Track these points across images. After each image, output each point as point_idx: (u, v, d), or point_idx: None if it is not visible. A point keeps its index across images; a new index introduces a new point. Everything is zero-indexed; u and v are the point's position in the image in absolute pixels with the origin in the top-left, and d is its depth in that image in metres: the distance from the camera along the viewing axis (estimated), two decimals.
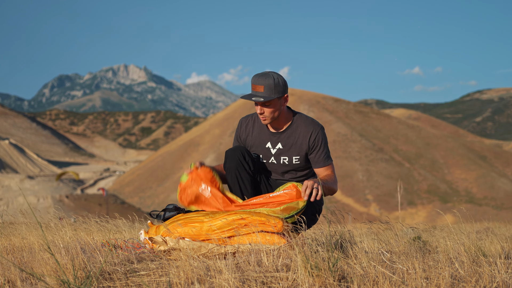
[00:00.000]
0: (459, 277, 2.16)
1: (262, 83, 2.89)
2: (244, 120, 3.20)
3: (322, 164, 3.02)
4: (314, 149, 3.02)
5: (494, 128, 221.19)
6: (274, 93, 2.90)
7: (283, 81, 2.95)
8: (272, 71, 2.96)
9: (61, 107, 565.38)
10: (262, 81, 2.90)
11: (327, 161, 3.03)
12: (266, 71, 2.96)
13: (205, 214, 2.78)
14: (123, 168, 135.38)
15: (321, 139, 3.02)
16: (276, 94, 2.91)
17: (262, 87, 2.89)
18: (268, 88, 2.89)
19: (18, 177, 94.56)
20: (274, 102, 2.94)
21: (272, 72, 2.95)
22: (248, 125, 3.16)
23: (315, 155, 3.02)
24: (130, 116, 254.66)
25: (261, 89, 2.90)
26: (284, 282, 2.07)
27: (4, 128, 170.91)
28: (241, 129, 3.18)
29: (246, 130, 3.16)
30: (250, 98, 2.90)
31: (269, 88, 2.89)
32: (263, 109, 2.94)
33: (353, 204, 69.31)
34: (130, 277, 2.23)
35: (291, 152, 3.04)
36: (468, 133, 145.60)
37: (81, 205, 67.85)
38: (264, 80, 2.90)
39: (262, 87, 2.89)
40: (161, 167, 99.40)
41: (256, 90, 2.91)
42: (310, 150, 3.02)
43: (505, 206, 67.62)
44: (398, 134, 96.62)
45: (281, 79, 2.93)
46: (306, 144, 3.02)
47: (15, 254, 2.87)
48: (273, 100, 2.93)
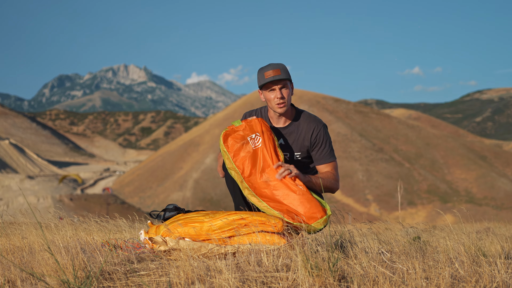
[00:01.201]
0: (459, 277, 2.15)
1: (277, 67, 2.97)
2: (248, 113, 3.20)
3: (323, 162, 3.02)
4: (315, 146, 3.02)
5: (494, 128, 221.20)
6: (288, 75, 2.99)
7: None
8: None
9: (61, 107, 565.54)
10: (276, 66, 2.97)
11: (328, 159, 3.02)
12: (268, 63, 3.01)
13: (205, 214, 2.78)
14: (123, 168, 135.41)
15: (323, 136, 3.02)
16: (290, 77, 3.01)
17: (278, 70, 2.96)
18: (284, 70, 2.97)
19: (18, 177, 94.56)
20: (289, 84, 3.01)
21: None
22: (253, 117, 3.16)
23: (317, 152, 3.02)
24: (130, 116, 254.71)
25: (278, 72, 2.95)
26: (284, 282, 2.07)
27: (4, 128, 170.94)
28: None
29: None
30: (274, 78, 2.93)
31: (284, 70, 2.97)
32: (282, 92, 2.98)
33: (353, 204, 69.32)
34: (130, 277, 2.23)
35: (293, 148, 3.04)
36: (468, 133, 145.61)
37: (81, 205, 67.86)
38: (277, 65, 2.97)
39: (279, 70, 2.96)
40: (161, 167, 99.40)
41: (273, 75, 2.95)
42: (312, 146, 3.02)
43: (505, 206, 67.63)
44: (398, 134, 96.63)
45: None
46: (308, 141, 3.01)
47: (15, 254, 2.87)
48: (289, 83, 3.01)
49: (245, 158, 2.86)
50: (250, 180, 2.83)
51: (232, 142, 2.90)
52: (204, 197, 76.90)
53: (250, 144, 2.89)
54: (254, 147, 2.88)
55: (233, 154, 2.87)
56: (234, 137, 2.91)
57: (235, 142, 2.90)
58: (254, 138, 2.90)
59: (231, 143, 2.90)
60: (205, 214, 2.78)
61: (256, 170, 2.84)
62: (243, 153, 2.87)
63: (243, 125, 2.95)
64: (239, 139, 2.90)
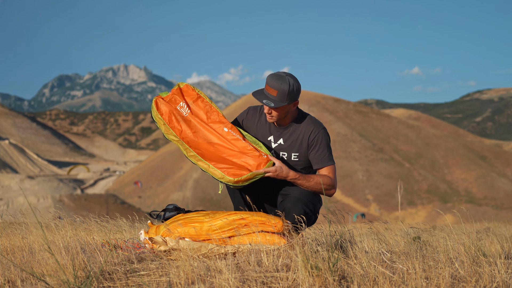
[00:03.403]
0: (459, 277, 2.15)
1: (277, 88, 2.86)
2: (252, 108, 3.19)
3: (320, 165, 2.99)
4: (313, 148, 3.00)
5: (494, 128, 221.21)
6: (286, 99, 2.88)
7: (297, 88, 2.91)
8: (289, 75, 2.91)
9: (61, 107, 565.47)
10: (278, 85, 2.86)
11: (325, 162, 2.99)
12: (283, 73, 2.91)
13: (205, 214, 2.78)
14: (123, 168, 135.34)
15: (321, 139, 3.00)
16: (288, 101, 2.88)
17: (275, 92, 2.87)
18: (282, 94, 2.86)
19: (18, 177, 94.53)
20: (284, 107, 2.93)
21: (289, 76, 2.90)
22: (256, 114, 3.15)
23: (314, 154, 3.00)
24: (130, 116, 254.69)
25: (274, 93, 2.87)
26: (284, 282, 2.07)
27: (4, 128, 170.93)
28: (247, 115, 3.18)
29: (252, 118, 3.15)
30: (261, 101, 2.89)
31: (282, 94, 2.86)
32: (271, 110, 2.95)
33: (353, 204, 69.31)
34: (130, 277, 2.23)
35: (291, 149, 3.03)
36: (468, 133, 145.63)
37: (81, 205, 67.85)
38: (280, 84, 2.86)
39: (276, 91, 2.87)
40: (161, 167, 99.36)
41: (270, 92, 2.89)
42: (310, 148, 3.01)
43: (505, 206, 67.61)
44: (398, 134, 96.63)
45: (296, 85, 2.89)
46: (306, 142, 3.01)
47: (15, 254, 2.87)
48: (283, 106, 2.92)
49: (178, 121, 2.98)
50: (193, 144, 2.95)
51: (165, 108, 2.98)
52: (204, 197, 76.90)
53: (180, 111, 3.01)
54: (185, 113, 3.00)
55: (168, 120, 2.97)
56: (164, 103, 3.00)
57: (167, 108, 2.99)
58: (183, 106, 3.02)
59: (164, 109, 2.98)
60: (205, 214, 2.78)
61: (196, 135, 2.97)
62: (176, 117, 2.98)
63: (169, 94, 3.05)
64: (169, 107, 2.99)
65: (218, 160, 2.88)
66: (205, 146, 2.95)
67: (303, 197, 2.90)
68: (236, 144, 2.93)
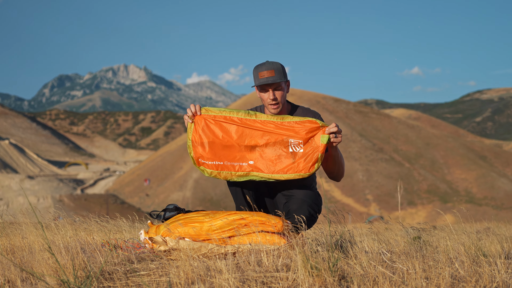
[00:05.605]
0: (459, 277, 2.15)
1: (272, 68, 2.95)
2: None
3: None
4: None
5: (494, 128, 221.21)
6: (283, 76, 2.97)
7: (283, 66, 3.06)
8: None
9: (61, 107, 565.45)
10: (271, 66, 2.96)
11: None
12: (265, 61, 3.01)
13: (205, 214, 2.78)
14: (123, 168, 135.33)
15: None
16: (284, 77, 2.99)
17: (272, 71, 2.95)
18: (278, 71, 2.96)
19: (18, 177, 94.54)
20: (283, 85, 3.01)
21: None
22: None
23: None
24: (130, 116, 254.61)
25: (272, 73, 2.95)
26: (284, 282, 2.07)
27: (4, 128, 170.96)
28: None
29: None
30: (267, 82, 2.93)
31: (278, 71, 2.96)
32: (275, 94, 2.98)
33: (353, 204, 69.30)
34: (130, 277, 2.23)
35: None
36: (468, 133, 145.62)
37: (81, 205, 67.87)
38: (272, 65, 2.96)
39: (273, 71, 2.95)
40: (161, 167, 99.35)
41: (266, 76, 2.95)
42: None
43: (505, 206, 67.62)
44: (398, 134, 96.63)
45: (282, 64, 3.02)
46: None
47: (15, 254, 2.87)
48: (283, 83, 3.00)
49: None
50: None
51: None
52: (204, 197, 76.90)
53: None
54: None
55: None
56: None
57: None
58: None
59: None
60: (205, 214, 2.78)
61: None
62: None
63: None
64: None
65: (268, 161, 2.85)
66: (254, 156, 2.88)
67: (307, 198, 2.89)
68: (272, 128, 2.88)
